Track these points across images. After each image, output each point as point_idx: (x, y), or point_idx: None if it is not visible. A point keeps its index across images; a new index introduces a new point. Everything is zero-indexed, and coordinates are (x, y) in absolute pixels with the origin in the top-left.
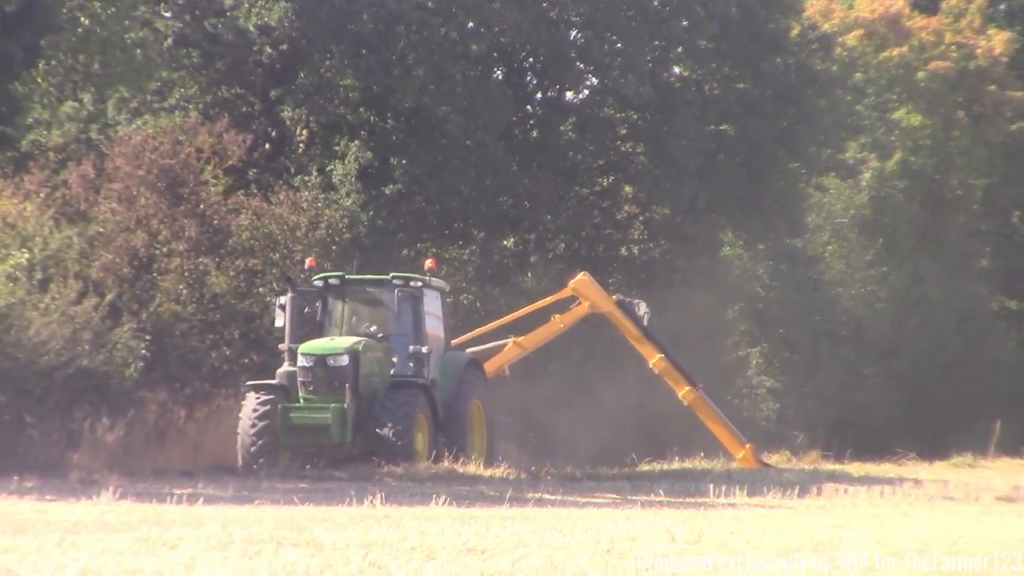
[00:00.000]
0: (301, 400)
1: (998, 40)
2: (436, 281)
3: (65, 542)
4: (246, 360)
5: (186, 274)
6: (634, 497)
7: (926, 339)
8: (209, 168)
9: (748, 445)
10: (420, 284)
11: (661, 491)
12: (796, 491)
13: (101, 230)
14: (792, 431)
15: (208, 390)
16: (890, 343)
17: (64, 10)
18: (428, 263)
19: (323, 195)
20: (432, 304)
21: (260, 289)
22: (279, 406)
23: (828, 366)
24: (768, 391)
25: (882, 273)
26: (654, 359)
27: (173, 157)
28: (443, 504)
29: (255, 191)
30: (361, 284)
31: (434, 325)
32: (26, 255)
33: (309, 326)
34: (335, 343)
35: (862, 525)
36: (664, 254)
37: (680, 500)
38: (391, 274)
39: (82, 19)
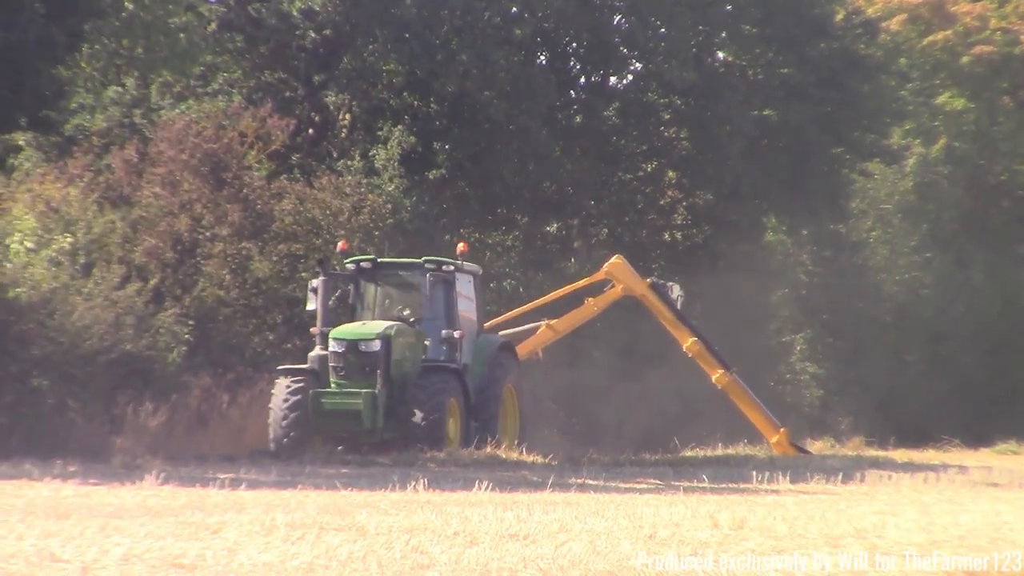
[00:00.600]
0: (333, 385)
1: None
2: (468, 265)
3: (108, 526)
4: (289, 345)
5: (229, 259)
6: (677, 483)
7: (970, 325)
8: (252, 153)
9: (783, 429)
10: (452, 268)
11: (704, 477)
12: (840, 477)
13: (144, 215)
14: (836, 417)
15: (251, 375)
16: (934, 329)
17: None
18: (460, 247)
19: (366, 180)
20: (465, 288)
21: (303, 274)
22: (311, 392)
23: (872, 352)
24: (811, 377)
25: (926, 259)
26: (688, 342)
27: (216, 142)
28: (485, 490)
29: (298, 176)
30: (393, 268)
31: (466, 309)
32: (69, 239)
33: (342, 309)
34: (367, 328)
35: (906, 511)
36: (707, 239)
37: (723, 486)
38: (423, 258)
39: (126, 4)
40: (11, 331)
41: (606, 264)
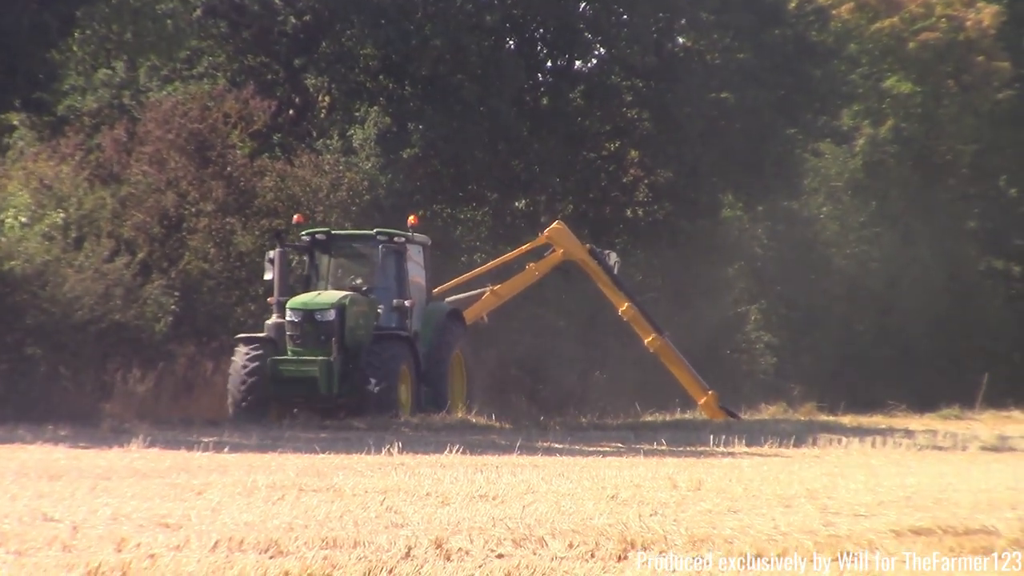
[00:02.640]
0: (289, 352)
1: (986, 13)
2: (419, 236)
3: (97, 488)
4: (268, 316)
5: (213, 233)
6: (638, 446)
7: (917, 297)
8: (236, 132)
9: (711, 392)
10: (403, 239)
11: (664, 440)
12: (792, 441)
13: (133, 191)
14: (789, 384)
15: (234, 344)
16: (882, 301)
17: None
18: (411, 219)
19: (344, 158)
20: (415, 258)
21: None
22: (268, 359)
23: (823, 322)
24: (766, 346)
25: (875, 234)
26: (623, 307)
27: (201, 122)
28: (456, 453)
29: (279, 154)
30: (347, 239)
31: (417, 278)
32: (61, 215)
33: (298, 279)
34: (322, 298)
35: (855, 474)
36: (668, 215)
37: (681, 449)
38: (375, 229)
39: None
40: (5, 302)
41: (547, 230)
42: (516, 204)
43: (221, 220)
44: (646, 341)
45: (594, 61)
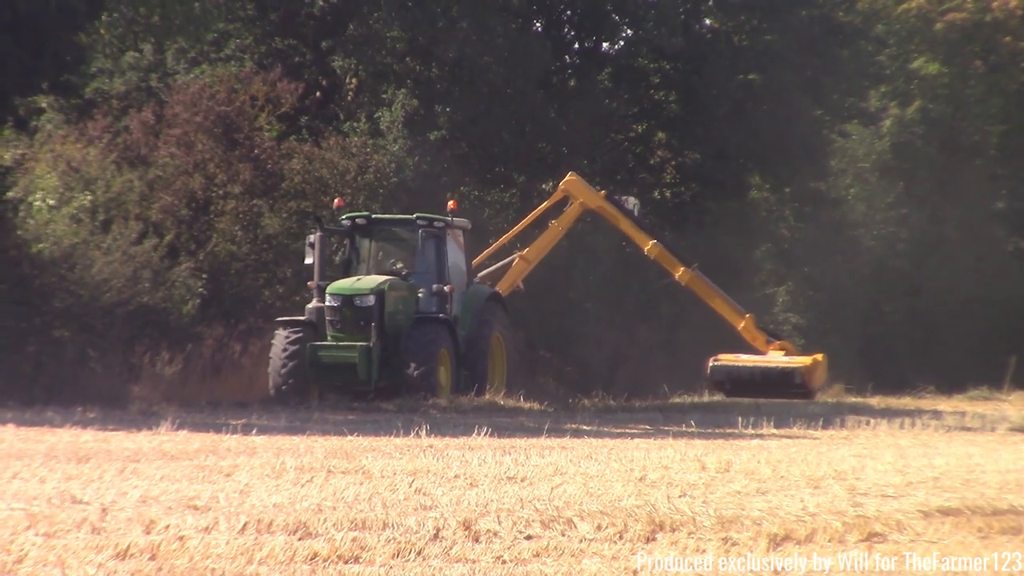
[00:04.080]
0: (329, 338)
1: None
2: (459, 220)
3: (126, 470)
4: (297, 298)
5: (241, 216)
6: (666, 428)
7: (944, 278)
8: (263, 115)
9: (748, 315)
10: (443, 224)
11: (692, 422)
12: (820, 423)
13: (160, 174)
14: None
15: (261, 326)
16: (910, 282)
17: None
18: (450, 204)
19: (371, 141)
20: (454, 243)
21: (311, 230)
22: (308, 345)
23: (851, 304)
24: (793, 327)
25: (902, 215)
26: (648, 245)
27: (229, 104)
28: (484, 435)
29: (306, 137)
30: (387, 224)
31: (456, 263)
32: (89, 197)
33: (338, 263)
34: (361, 283)
35: (883, 455)
36: (695, 197)
37: (710, 431)
38: (415, 214)
39: None
40: (34, 284)
41: (562, 183)
42: (544, 186)
43: (248, 202)
44: (676, 275)
45: (621, 43)
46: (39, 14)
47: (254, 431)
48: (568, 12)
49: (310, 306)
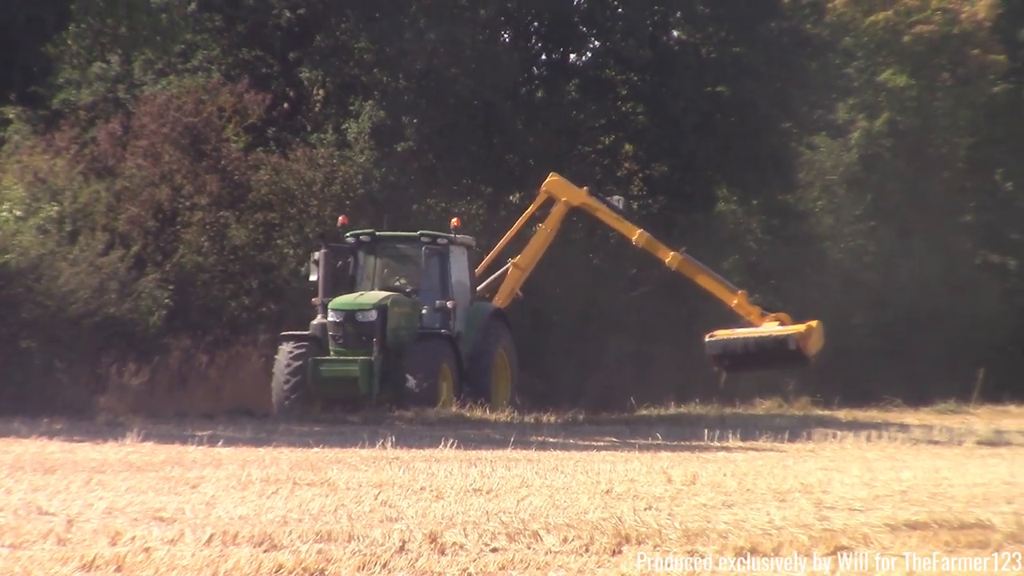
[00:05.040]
0: (332, 352)
1: (981, 5)
2: (462, 237)
3: (92, 481)
4: (264, 309)
5: (208, 227)
6: (632, 441)
7: (912, 291)
8: (230, 126)
9: (740, 292)
10: (447, 241)
11: (658, 435)
12: (787, 436)
13: (127, 185)
14: (783, 378)
15: (228, 337)
16: (878, 295)
17: None
18: (454, 222)
19: (338, 152)
20: (458, 259)
21: (278, 241)
22: (310, 359)
23: (818, 316)
24: None
25: (870, 228)
26: (635, 235)
27: (196, 116)
28: (451, 447)
29: (274, 148)
30: (391, 241)
31: (460, 279)
32: (56, 208)
33: (338, 280)
34: (363, 299)
35: (850, 468)
36: (663, 209)
37: (676, 443)
38: (419, 232)
39: None
40: (0, 295)
41: (544, 185)
42: (511, 198)
43: (215, 214)
44: (666, 260)
45: (589, 54)
46: (6, 25)
47: (220, 443)
48: (536, 24)
49: (315, 322)
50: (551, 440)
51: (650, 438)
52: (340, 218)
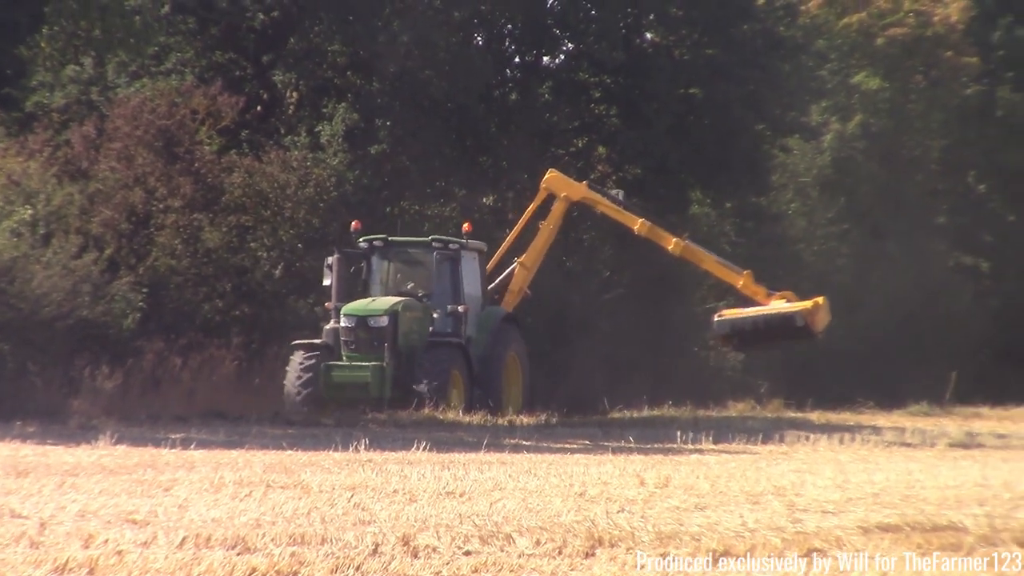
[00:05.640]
0: (344, 358)
1: (954, 8)
2: (473, 243)
3: (65, 484)
4: (237, 312)
5: (181, 230)
6: (605, 443)
7: (885, 293)
8: (204, 129)
9: (746, 272)
10: (458, 246)
11: (631, 438)
12: (760, 438)
13: (101, 187)
14: (756, 381)
15: (201, 340)
16: (851, 297)
17: None
18: (465, 227)
19: (312, 155)
20: (469, 264)
21: (251, 244)
22: (322, 365)
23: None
24: None
25: (843, 230)
26: (637, 224)
27: (169, 118)
28: (424, 450)
29: (247, 151)
30: (403, 246)
31: (471, 284)
32: (29, 211)
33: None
34: (375, 304)
35: (823, 470)
36: (636, 212)
37: (649, 446)
38: (431, 237)
39: None
40: None
41: (543, 181)
42: (484, 200)
43: (189, 216)
44: (669, 247)
45: (562, 57)
46: None
47: (193, 445)
48: (509, 26)
49: (327, 327)
50: (524, 443)
51: (623, 441)
52: (353, 223)
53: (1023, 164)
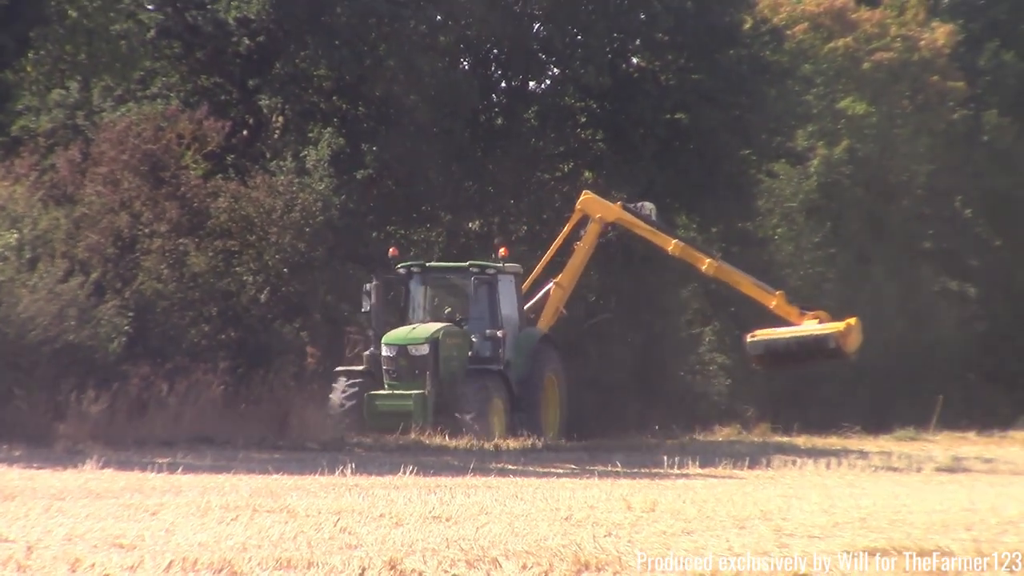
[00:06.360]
0: (386, 386)
1: (941, 32)
2: (510, 266)
3: (52, 508)
4: (223, 336)
5: (167, 254)
6: (592, 467)
7: (871, 318)
8: (189, 153)
9: (778, 293)
10: (495, 271)
11: (618, 462)
12: (746, 462)
13: (87, 212)
14: (743, 405)
15: (188, 364)
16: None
17: (53, 3)
18: (502, 251)
19: (297, 179)
20: (507, 288)
21: (237, 268)
22: (365, 395)
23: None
24: (720, 367)
25: (829, 255)
26: (671, 245)
27: (155, 142)
28: (410, 474)
29: (233, 175)
30: (441, 271)
31: (508, 307)
32: (16, 235)
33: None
34: (416, 332)
35: (810, 495)
36: (621, 236)
37: (636, 470)
38: (468, 262)
39: (70, 12)
40: None
41: (578, 202)
42: (470, 225)
43: (175, 241)
44: (703, 268)
45: (548, 82)
46: None
47: (180, 470)
48: (495, 51)
49: (367, 353)
50: (510, 467)
51: (609, 465)
52: (391, 249)
53: (1009, 189)
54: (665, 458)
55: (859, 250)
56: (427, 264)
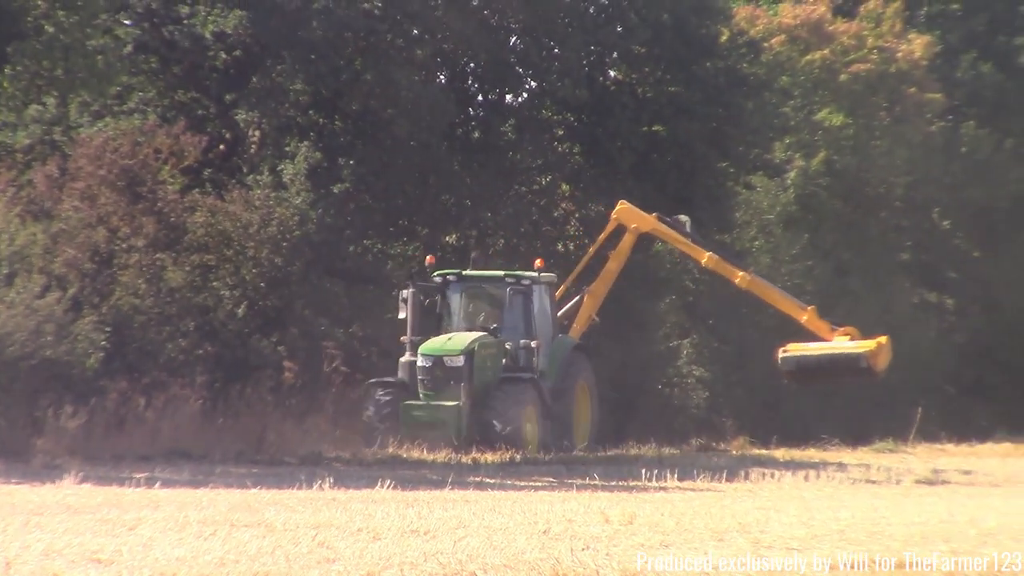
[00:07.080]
0: (421, 396)
1: (918, 44)
2: (545, 276)
3: (30, 523)
4: (200, 351)
5: (144, 269)
6: (570, 481)
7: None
8: (166, 168)
9: (810, 308)
10: (530, 281)
11: (596, 475)
12: (725, 475)
13: (64, 227)
14: (721, 418)
15: (165, 379)
16: (815, 334)
17: (29, 18)
18: (538, 263)
19: (274, 194)
20: (541, 298)
21: (214, 283)
22: (401, 404)
23: (756, 355)
24: (698, 380)
25: (807, 267)
26: (705, 258)
27: (132, 158)
28: (388, 488)
29: (210, 190)
30: (477, 280)
31: (542, 317)
32: None
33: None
34: (451, 343)
35: (788, 507)
36: (599, 249)
37: (614, 484)
38: (504, 272)
39: (47, 27)
40: None
41: (613, 212)
42: (447, 238)
43: (152, 256)
44: (736, 280)
45: (525, 95)
46: None
47: (157, 484)
48: (472, 64)
49: (403, 360)
50: (488, 480)
51: (588, 478)
52: (428, 258)
53: (987, 200)
54: (643, 471)
55: (837, 262)
56: (463, 273)
